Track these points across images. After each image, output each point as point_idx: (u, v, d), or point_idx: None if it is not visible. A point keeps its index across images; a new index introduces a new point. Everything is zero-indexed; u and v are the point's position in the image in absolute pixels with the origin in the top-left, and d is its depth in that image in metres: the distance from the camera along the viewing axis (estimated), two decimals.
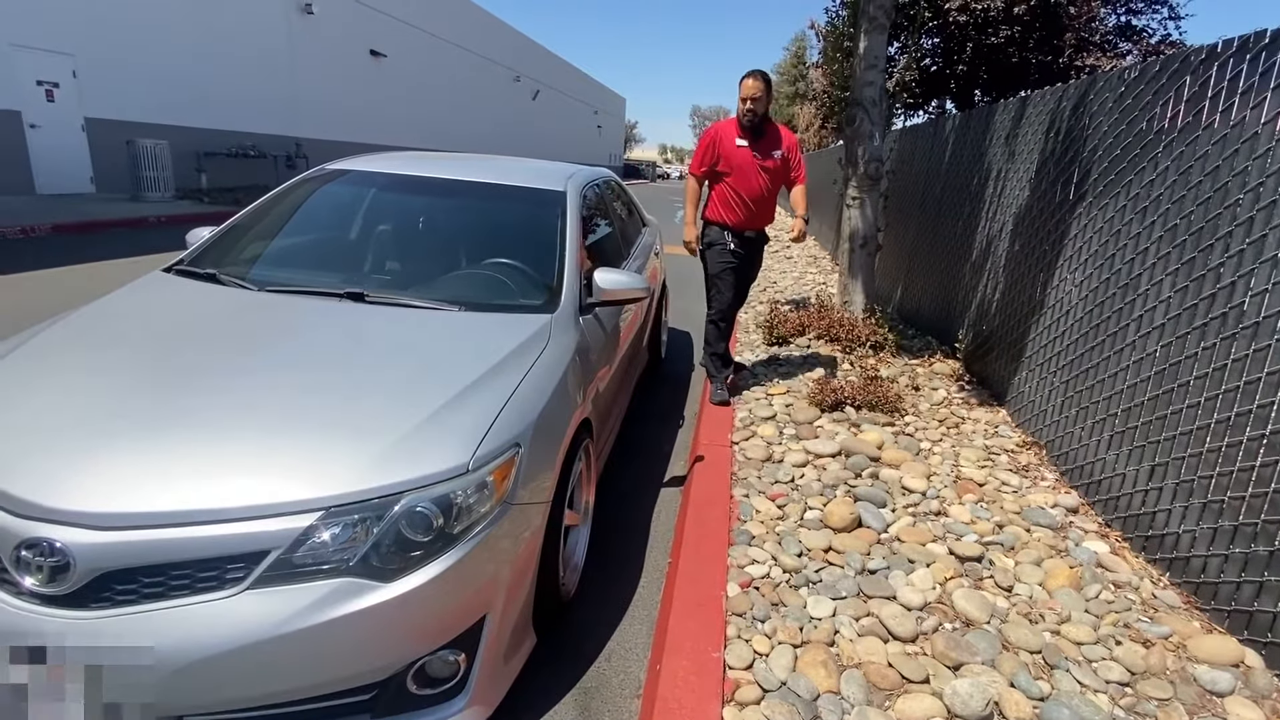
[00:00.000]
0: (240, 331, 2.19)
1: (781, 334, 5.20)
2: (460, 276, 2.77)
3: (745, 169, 3.76)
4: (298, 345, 2.11)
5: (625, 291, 2.69)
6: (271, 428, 1.70)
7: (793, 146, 3.84)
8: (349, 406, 1.79)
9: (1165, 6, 9.95)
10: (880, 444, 3.39)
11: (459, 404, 1.85)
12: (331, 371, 1.95)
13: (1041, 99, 3.97)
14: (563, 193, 3.08)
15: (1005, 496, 2.99)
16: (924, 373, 4.60)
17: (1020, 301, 3.91)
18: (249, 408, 1.76)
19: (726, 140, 3.80)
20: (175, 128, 13.42)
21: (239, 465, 1.59)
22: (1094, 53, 9.69)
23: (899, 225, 6.58)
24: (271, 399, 1.80)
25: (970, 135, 5.09)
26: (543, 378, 2.09)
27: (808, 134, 25.77)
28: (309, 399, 1.81)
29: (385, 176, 3.26)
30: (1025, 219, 3.98)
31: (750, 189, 3.77)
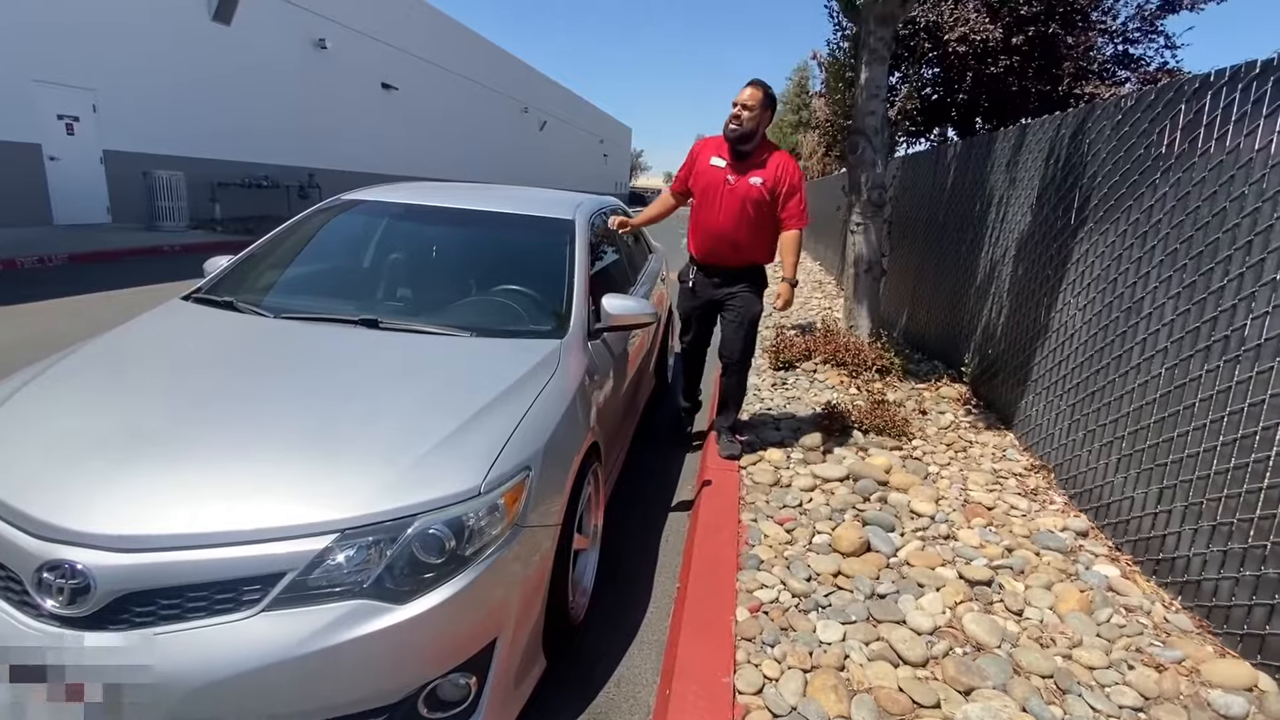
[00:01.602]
0: (257, 357, 2.22)
1: (788, 358, 5.23)
2: (471, 303, 2.80)
3: (710, 191, 3.25)
4: (313, 371, 2.14)
5: (633, 317, 2.72)
6: (287, 451, 1.72)
7: (785, 177, 3.17)
8: (363, 430, 1.82)
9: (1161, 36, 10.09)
10: (888, 468, 3.39)
11: (471, 428, 1.87)
12: (346, 396, 1.98)
13: (1041, 127, 4.03)
14: (571, 221, 3.13)
15: (1014, 520, 2.98)
16: (931, 397, 4.60)
17: (1025, 325, 3.93)
18: (266, 432, 1.78)
19: (704, 156, 3.32)
20: (191, 159, 13.70)
21: (256, 488, 1.61)
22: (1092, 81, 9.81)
23: (903, 250, 6.63)
24: (288, 423, 1.82)
25: (972, 162, 5.15)
26: (552, 402, 2.11)
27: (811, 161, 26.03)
28: (324, 423, 1.84)
29: (398, 206, 3.32)
30: (1028, 244, 4.01)
31: (710, 216, 3.26)
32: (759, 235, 3.28)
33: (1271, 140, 2.23)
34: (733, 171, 3.24)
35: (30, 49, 10.92)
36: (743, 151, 3.22)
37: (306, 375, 2.11)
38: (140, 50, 12.69)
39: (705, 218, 3.34)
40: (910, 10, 5.55)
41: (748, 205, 3.21)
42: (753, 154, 3.23)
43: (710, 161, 3.31)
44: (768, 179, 3.20)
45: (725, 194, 3.24)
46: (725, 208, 3.24)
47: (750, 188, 3.20)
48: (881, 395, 4.22)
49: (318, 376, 2.10)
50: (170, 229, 12.41)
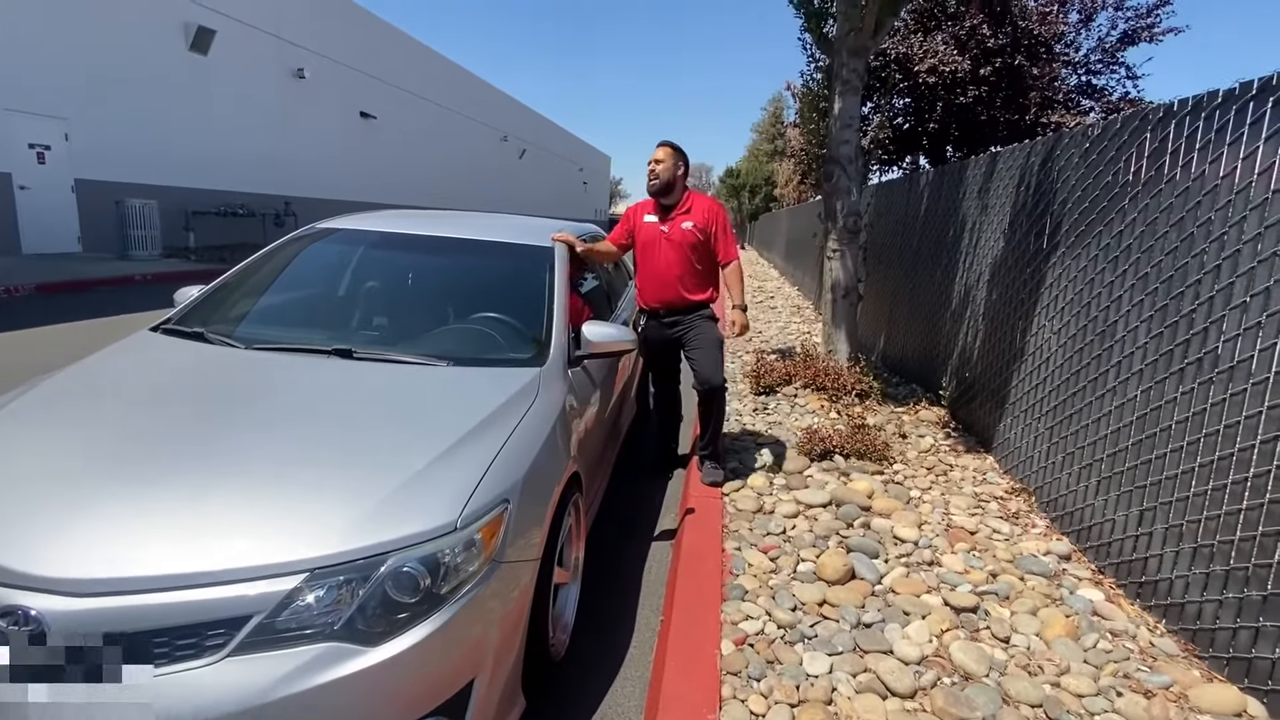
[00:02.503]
0: (226, 390, 2.17)
1: (768, 383, 5.24)
2: (448, 331, 2.77)
3: (650, 245, 3.53)
4: (283, 403, 2.09)
5: (613, 344, 2.70)
6: (255, 487, 1.67)
7: (713, 218, 3.47)
8: (335, 464, 1.77)
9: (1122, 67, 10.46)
10: (870, 493, 3.38)
11: (447, 460, 1.82)
12: (317, 429, 1.93)
13: (1011, 155, 4.12)
14: (550, 248, 3.13)
15: (997, 544, 2.97)
16: (910, 420, 4.62)
17: (1001, 349, 3.97)
18: (232, 467, 1.73)
19: (638, 216, 3.61)
20: (164, 187, 13.56)
21: (222, 526, 1.55)
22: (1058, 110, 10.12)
23: (879, 276, 6.71)
24: (255, 458, 1.77)
25: (944, 189, 5.25)
26: (531, 432, 2.08)
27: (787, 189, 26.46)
28: (294, 457, 1.79)
29: (374, 234, 3.29)
30: (1001, 269, 4.08)
31: (655, 265, 3.51)
32: (702, 273, 3.54)
33: (1235, 167, 2.29)
34: (665, 224, 3.52)
35: (2, 75, 10.80)
36: (668, 205, 3.53)
37: (276, 407, 2.06)
38: (115, 79, 12.61)
39: (651, 268, 3.56)
40: (881, 42, 5.69)
41: (685, 249, 3.47)
42: (678, 204, 3.53)
43: (645, 220, 3.59)
44: (698, 221, 3.48)
45: (663, 243, 3.51)
46: (666, 255, 3.50)
47: (684, 232, 3.47)
48: (862, 419, 4.23)
49: (288, 409, 2.06)
50: (142, 258, 12.21)
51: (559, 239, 3.20)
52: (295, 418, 2.00)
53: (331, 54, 18.43)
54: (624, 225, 3.66)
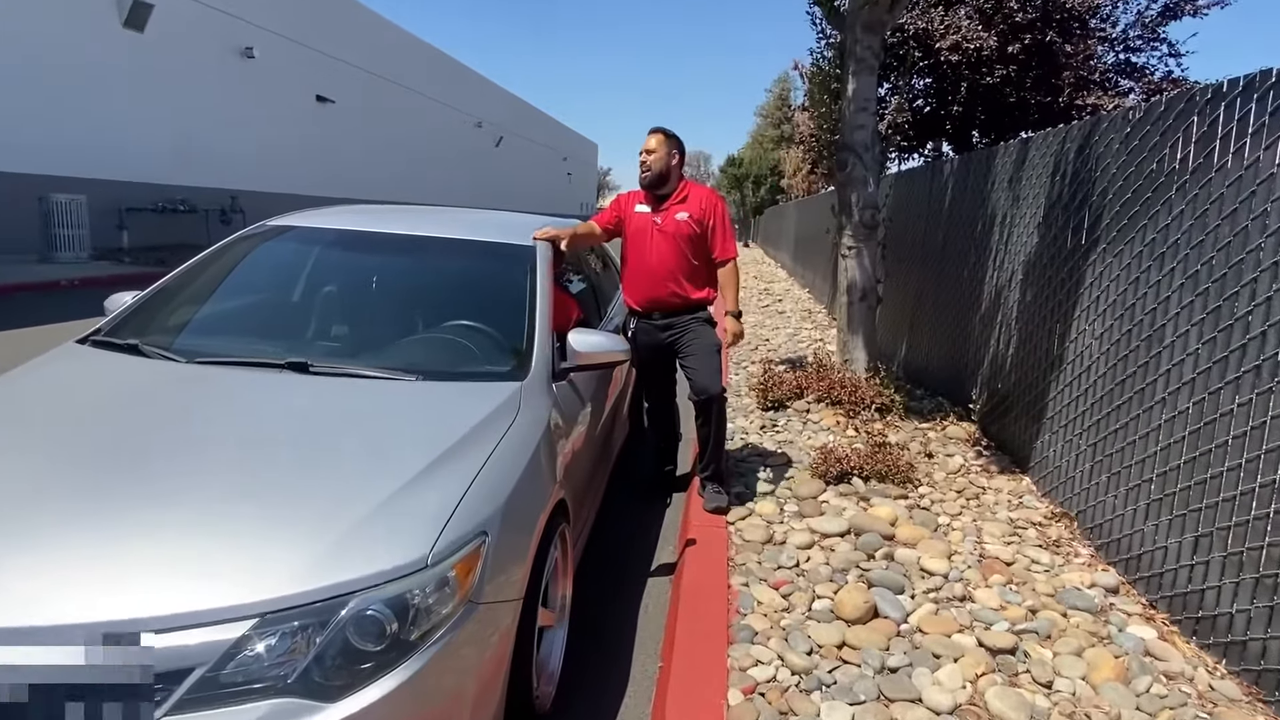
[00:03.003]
0: (164, 410, 2.16)
1: (777, 397, 5.24)
2: (417, 341, 2.77)
3: (640, 237, 3.55)
4: (230, 424, 2.08)
5: (603, 354, 2.70)
6: (196, 521, 1.65)
7: (711, 209, 3.50)
8: (288, 494, 1.76)
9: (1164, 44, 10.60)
10: (893, 520, 3.38)
11: (415, 488, 1.82)
12: (268, 454, 1.93)
13: (1044, 141, 4.16)
14: (531, 248, 3.13)
15: (1037, 577, 2.98)
16: (936, 437, 4.63)
17: (1037, 356, 3.99)
18: (171, 499, 1.71)
19: (629, 205, 3.63)
20: (94, 181, 13.50)
21: (157, 566, 1.53)
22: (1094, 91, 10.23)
23: (900, 275, 6.74)
24: (197, 488, 1.76)
25: (971, 179, 5.29)
26: (512, 455, 2.07)
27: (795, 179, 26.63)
28: (241, 487, 1.77)
29: (333, 232, 3.29)
30: (1035, 267, 4.10)
31: (645, 260, 3.53)
32: (697, 270, 3.55)
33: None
34: (658, 215, 3.54)
35: None
36: (662, 195, 3.55)
37: (221, 430, 2.05)
38: (37, 59, 12.58)
39: (640, 263, 3.58)
40: (898, 17, 5.75)
41: (680, 242, 3.49)
42: (673, 195, 3.55)
43: (636, 210, 3.61)
44: (694, 212, 3.50)
45: (655, 236, 3.53)
46: (658, 249, 3.52)
47: (679, 224, 3.50)
48: (882, 437, 4.24)
49: (235, 431, 2.05)
50: (69, 260, 12.15)
51: (543, 236, 3.20)
52: (243, 441, 1.98)
53: (284, 31, 18.48)
54: (614, 210, 3.69)
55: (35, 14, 12.48)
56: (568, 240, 3.27)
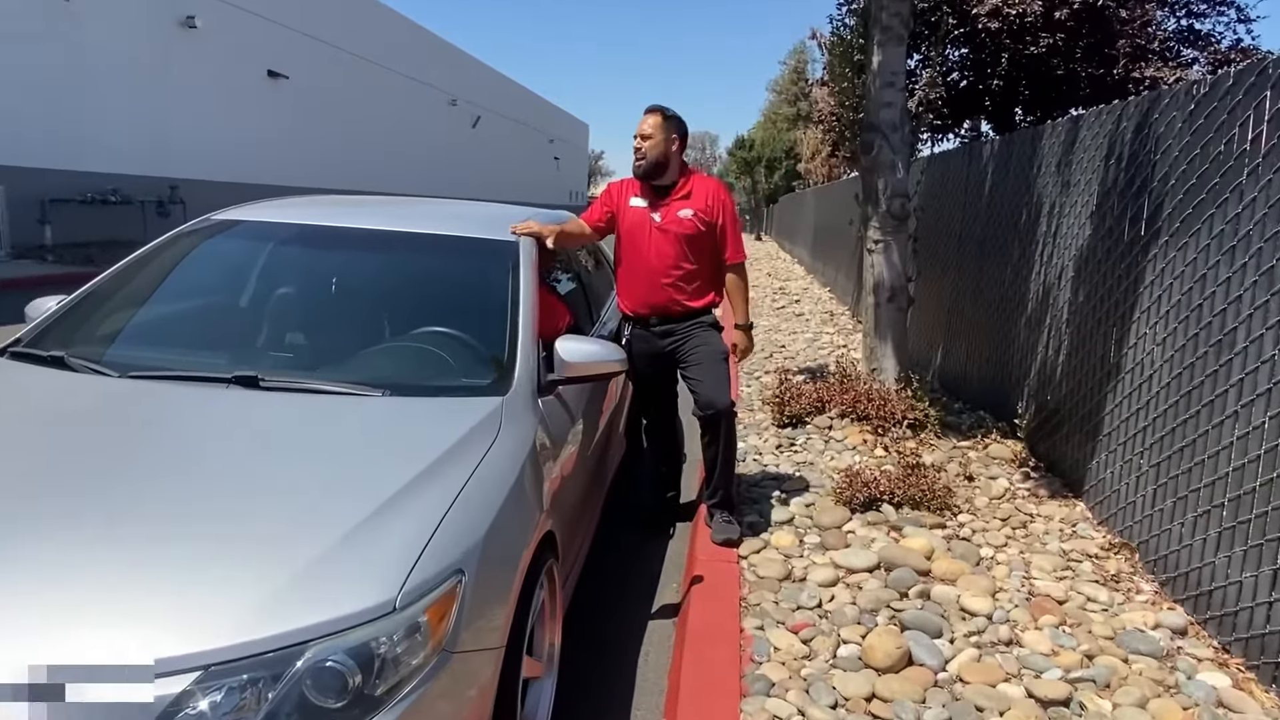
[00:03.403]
0: (93, 432, 2.15)
1: (795, 412, 5.25)
2: (384, 352, 2.77)
3: (635, 235, 3.53)
4: (169, 448, 2.08)
5: (596, 365, 2.71)
6: (129, 561, 1.65)
7: (718, 204, 3.50)
8: (235, 529, 1.75)
9: (1231, 8, 10.68)
10: (929, 552, 3.38)
11: (381, 520, 1.81)
12: (213, 482, 1.92)
13: (1096, 119, 4.18)
14: (513, 244, 3.14)
15: (1093, 617, 2.97)
16: (978, 457, 4.64)
17: (1091, 364, 4.00)
18: (101, 535, 1.71)
19: (623, 198, 3.59)
20: (11, 169, 13.49)
21: (85, 612, 1.52)
22: (1153, 62, 10.30)
23: (934, 272, 6.76)
24: (132, 522, 1.75)
25: (1013, 163, 5.32)
26: (492, 481, 2.07)
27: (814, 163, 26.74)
28: (181, 521, 1.77)
29: (286, 227, 3.30)
30: (1088, 262, 4.12)
31: (642, 262, 3.52)
32: (701, 274, 3.54)
33: None
34: (657, 210, 3.51)
35: None
36: (661, 186, 3.52)
37: (159, 455, 2.05)
38: None
39: (637, 264, 3.56)
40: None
41: (682, 242, 3.48)
42: (674, 186, 3.52)
43: (630, 203, 3.57)
44: (699, 208, 3.48)
45: (654, 235, 3.50)
46: (657, 250, 3.50)
47: (681, 222, 3.47)
48: (916, 457, 4.24)
49: (175, 456, 2.05)
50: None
51: (524, 231, 3.20)
52: (183, 468, 1.98)
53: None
54: (604, 204, 3.66)
55: None
56: (553, 237, 3.26)
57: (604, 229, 3.69)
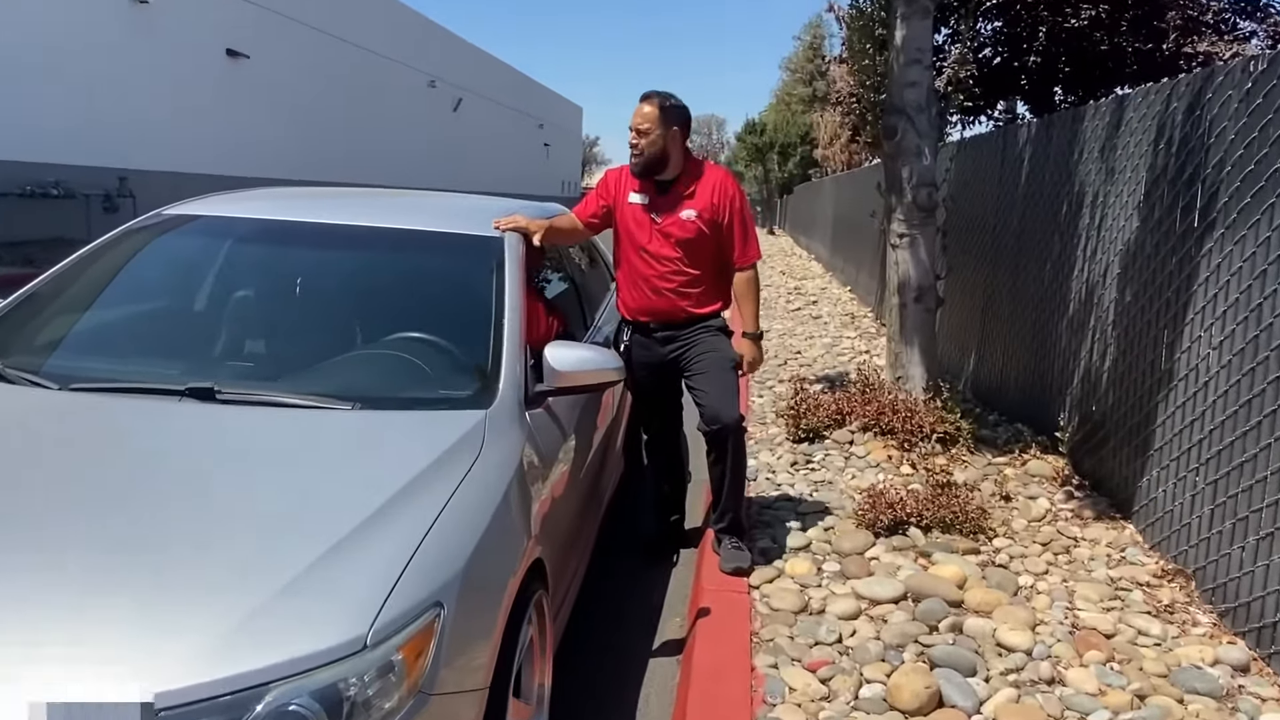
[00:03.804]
0: (30, 451, 2.16)
1: (812, 425, 5.25)
2: (355, 360, 2.78)
3: (635, 234, 3.54)
4: (114, 470, 2.08)
5: (590, 374, 2.72)
6: (71, 596, 1.64)
7: (725, 202, 3.50)
8: (188, 558, 1.75)
9: None
10: (962, 581, 3.38)
11: (350, 548, 1.81)
12: (163, 506, 1.92)
13: (1144, 100, 4.20)
14: (498, 240, 3.15)
15: (1145, 652, 2.97)
16: (1015, 475, 4.64)
17: (1140, 370, 4.00)
18: (37, 565, 1.71)
19: (621, 191, 3.59)
20: None
21: (20, 651, 1.52)
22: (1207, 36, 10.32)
23: (965, 270, 6.77)
24: (72, 552, 1.75)
25: (1053, 148, 5.33)
26: (474, 504, 2.07)
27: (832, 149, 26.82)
28: (127, 551, 1.77)
29: (247, 223, 3.31)
30: (1136, 258, 4.12)
31: (642, 264, 3.53)
32: (706, 280, 3.56)
33: None
34: (658, 208, 3.51)
35: None
36: (662, 182, 3.51)
37: (104, 477, 2.05)
38: None
39: (637, 266, 3.57)
40: None
41: (684, 247, 3.49)
42: (677, 181, 3.51)
43: (629, 199, 3.57)
44: (703, 209, 3.48)
45: (655, 237, 3.51)
46: (659, 253, 3.51)
47: (684, 225, 3.48)
48: (946, 475, 4.24)
49: (121, 478, 2.05)
50: None
51: (509, 226, 3.21)
52: (130, 490, 1.98)
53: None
54: (600, 197, 3.66)
55: None
56: (541, 232, 3.27)
57: (599, 225, 3.69)
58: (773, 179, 40.28)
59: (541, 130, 47.26)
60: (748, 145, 42.83)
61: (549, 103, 49.65)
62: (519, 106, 42.75)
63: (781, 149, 39.45)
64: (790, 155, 38.84)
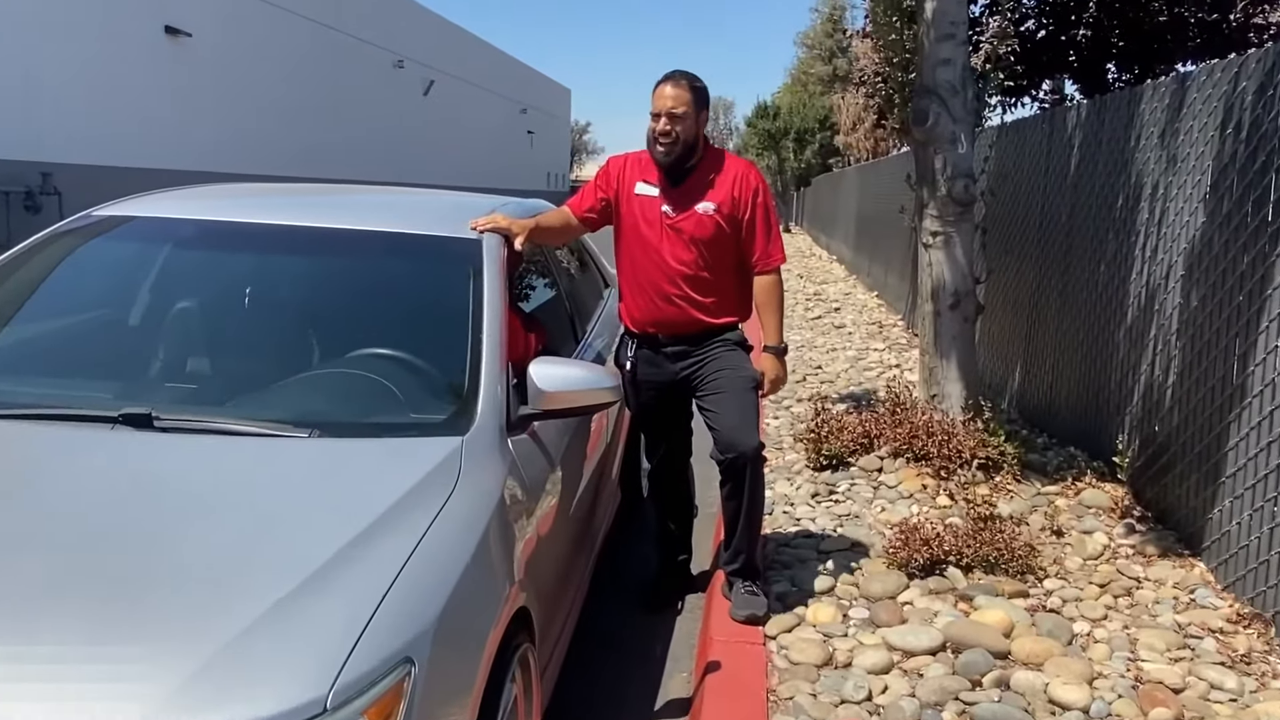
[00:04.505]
0: None
1: (835, 451, 5.24)
2: (312, 381, 2.78)
3: (643, 230, 3.54)
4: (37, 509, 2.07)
5: (581, 394, 2.71)
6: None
7: (747, 194, 3.51)
8: (122, 613, 1.74)
9: None
10: (1008, 629, 3.37)
11: (309, 597, 1.80)
12: (92, 553, 1.91)
13: (1209, 79, 4.22)
14: (475, 242, 3.15)
15: (1218, 708, 2.96)
16: (1068, 506, 4.63)
17: (1210, 385, 4.00)
18: None
19: (627, 181, 3.60)
20: None
21: None
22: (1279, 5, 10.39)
23: (1008, 272, 6.79)
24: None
25: (1106, 133, 5.35)
26: (449, 546, 2.07)
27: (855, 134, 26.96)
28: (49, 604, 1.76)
29: (190, 224, 3.31)
30: (1203, 258, 4.13)
31: (650, 265, 3.52)
32: (725, 285, 3.56)
33: None
34: (671, 200, 3.51)
35: None
36: (679, 172, 3.52)
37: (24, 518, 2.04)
38: None
39: (644, 269, 3.56)
40: None
41: (700, 245, 3.49)
42: (694, 171, 3.53)
43: (636, 190, 3.57)
44: (723, 201, 3.48)
45: (667, 234, 3.51)
46: (671, 252, 3.50)
47: (702, 220, 3.48)
48: (990, 507, 4.23)
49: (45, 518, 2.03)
50: None
51: (487, 227, 3.21)
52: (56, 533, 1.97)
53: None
54: (600, 188, 3.66)
55: None
56: (524, 234, 3.26)
57: (597, 221, 3.69)
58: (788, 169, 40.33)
59: (524, 116, 47.41)
60: (759, 131, 42.89)
61: (533, 84, 49.84)
62: (499, 89, 42.89)
63: (798, 135, 39.55)
64: (808, 142, 38.96)
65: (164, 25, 20.35)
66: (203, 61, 21.47)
